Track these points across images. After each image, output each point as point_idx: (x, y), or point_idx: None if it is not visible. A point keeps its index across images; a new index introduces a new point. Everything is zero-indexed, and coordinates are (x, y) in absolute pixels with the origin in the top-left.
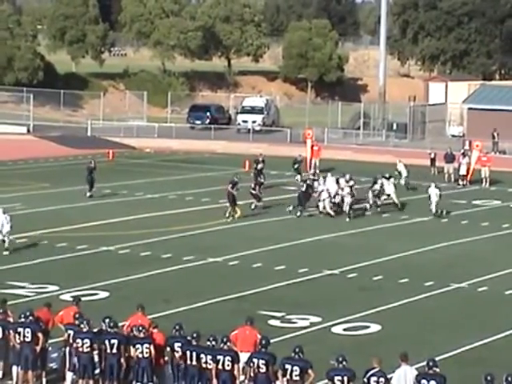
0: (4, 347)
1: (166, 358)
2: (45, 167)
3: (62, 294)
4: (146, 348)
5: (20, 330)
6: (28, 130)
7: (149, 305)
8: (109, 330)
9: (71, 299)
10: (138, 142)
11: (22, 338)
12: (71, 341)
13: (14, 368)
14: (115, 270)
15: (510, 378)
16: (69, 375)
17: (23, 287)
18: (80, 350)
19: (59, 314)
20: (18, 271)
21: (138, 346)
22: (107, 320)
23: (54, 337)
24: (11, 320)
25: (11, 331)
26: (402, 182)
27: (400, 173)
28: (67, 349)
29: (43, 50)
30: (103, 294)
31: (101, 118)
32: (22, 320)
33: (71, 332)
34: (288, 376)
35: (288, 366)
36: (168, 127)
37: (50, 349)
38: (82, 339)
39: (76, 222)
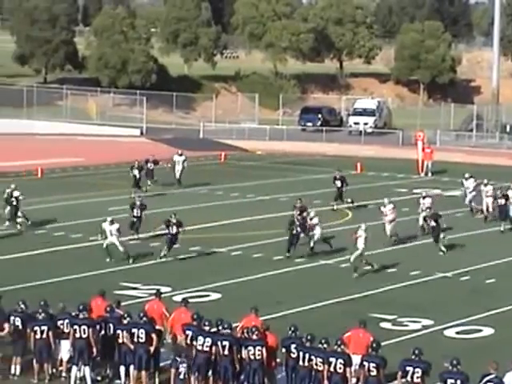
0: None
1: (278, 360)
2: (158, 169)
3: (174, 295)
4: (259, 350)
5: (134, 330)
6: (141, 133)
7: (261, 306)
8: (222, 331)
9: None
10: (250, 144)
11: (135, 339)
12: (188, 341)
13: (122, 368)
14: (227, 272)
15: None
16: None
17: (136, 288)
18: (199, 349)
19: (170, 317)
20: (130, 272)
21: (250, 347)
22: (219, 322)
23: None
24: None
25: (124, 332)
26: None
27: None
28: None
29: (156, 52)
30: (215, 296)
31: (213, 120)
32: (136, 321)
33: (190, 332)
34: (409, 378)
35: (409, 368)
36: (279, 129)
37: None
38: (204, 338)
39: (188, 224)
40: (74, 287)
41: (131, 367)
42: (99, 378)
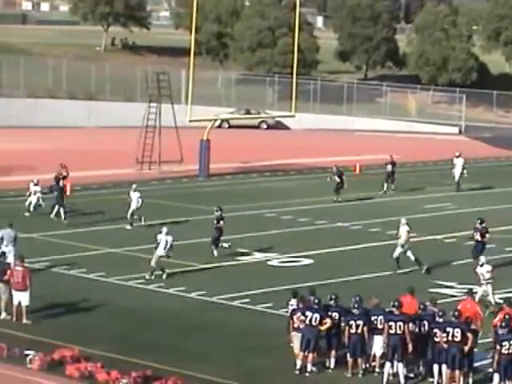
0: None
1: None
2: (475, 168)
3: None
4: None
5: (449, 329)
6: (459, 131)
7: None
8: None
9: (501, 301)
10: None
11: (450, 338)
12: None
13: (436, 366)
14: None
15: None
16: (496, 376)
17: (451, 287)
18: None
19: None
20: (447, 271)
21: None
22: None
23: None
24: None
25: (439, 330)
26: None
27: None
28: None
29: (477, 50)
30: None
31: None
32: (450, 320)
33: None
34: None
35: None
36: None
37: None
38: None
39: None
40: (385, 283)
41: (444, 366)
42: (412, 375)
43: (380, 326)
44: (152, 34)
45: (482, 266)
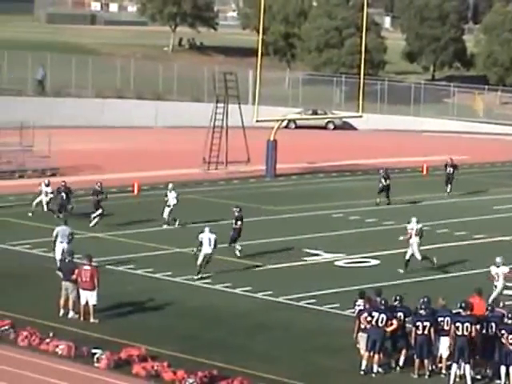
0: None
1: None
2: None
3: None
4: None
5: None
6: None
7: None
8: None
9: None
10: None
11: None
12: None
13: (503, 368)
14: None
15: None
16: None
17: None
18: None
19: None
20: None
21: None
22: None
23: None
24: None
25: (506, 332)
26: None
27: None
28: None
29: None
30: None
31: None
32: None
33: None
34: None
35: None
36: None
37: None
38: None
39: None
40: (456, 283)
41: (511, 368)
42: (479, 377)
43: (446, 328)
44: (219, 34)
45: (498, 266)
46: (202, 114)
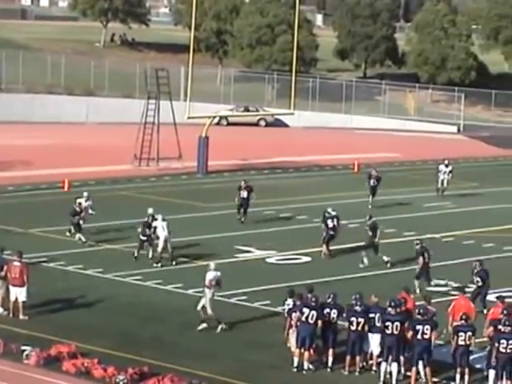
0: None
1: None
2: (474, 167)
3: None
4: None
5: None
6: (458, 130)
7: None
8: None
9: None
10: None
11: None
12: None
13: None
14: None
15: None
16: (491, 373)
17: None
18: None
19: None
20: (441, 270)
21: None
22: None
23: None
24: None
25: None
26: None
27: None
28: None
29: (476, 49)
30: None
31: None
32: None
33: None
34: None
35: None
36: None
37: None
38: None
39: (505, 223)
40: (387, 281)
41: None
42: (409, 374)
43: (378, 324)
44: (151, 30)
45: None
46: (134, 110)
